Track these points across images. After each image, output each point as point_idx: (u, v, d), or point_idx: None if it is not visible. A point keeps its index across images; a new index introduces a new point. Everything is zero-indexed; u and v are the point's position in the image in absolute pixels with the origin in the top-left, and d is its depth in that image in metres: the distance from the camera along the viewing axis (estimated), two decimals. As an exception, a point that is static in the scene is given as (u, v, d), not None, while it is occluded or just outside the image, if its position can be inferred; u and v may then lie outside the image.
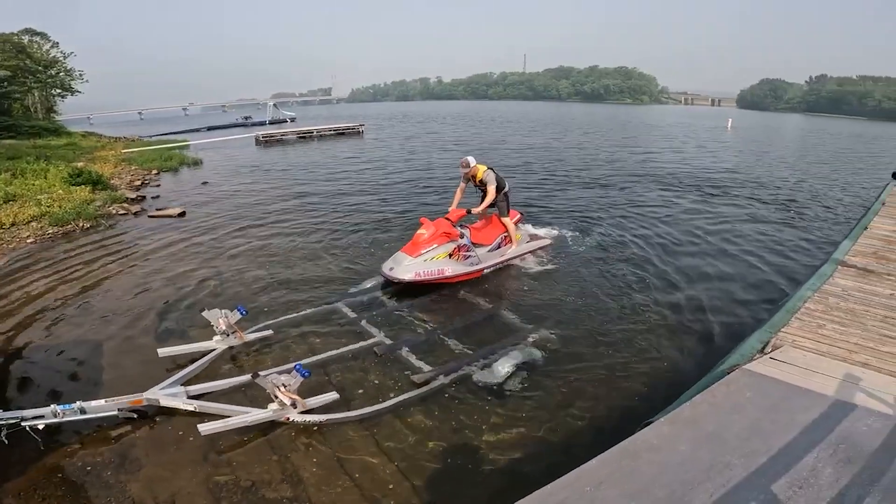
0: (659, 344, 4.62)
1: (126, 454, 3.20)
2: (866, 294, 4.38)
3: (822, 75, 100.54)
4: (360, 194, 11.38)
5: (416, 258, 5.68)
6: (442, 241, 5.85)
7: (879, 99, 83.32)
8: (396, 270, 5.63)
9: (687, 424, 2.64)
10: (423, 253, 5.71)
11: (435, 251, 5.78)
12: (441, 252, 5.82)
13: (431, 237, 5.81)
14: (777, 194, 11.74)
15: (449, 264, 5.86)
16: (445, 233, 5.89)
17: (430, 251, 5.76)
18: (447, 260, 5.86)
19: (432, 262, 5.74)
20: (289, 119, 40.50)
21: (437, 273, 5.74)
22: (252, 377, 3.45)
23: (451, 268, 5.86)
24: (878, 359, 3.36)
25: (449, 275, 5.83)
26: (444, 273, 5.80)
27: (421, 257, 5.69)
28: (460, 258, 5.99)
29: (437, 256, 5.78)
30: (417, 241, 5.81)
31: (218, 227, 8.74)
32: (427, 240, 5.78)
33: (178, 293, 5.80)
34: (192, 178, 14.29)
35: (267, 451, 3.23)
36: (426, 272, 5.66)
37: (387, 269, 5.71)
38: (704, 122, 44.92)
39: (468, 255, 6.08)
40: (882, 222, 6.77)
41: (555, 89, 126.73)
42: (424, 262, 5.69)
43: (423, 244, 5.75)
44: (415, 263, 5.65)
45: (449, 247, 5.89)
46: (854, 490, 2.14)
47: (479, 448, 3.27)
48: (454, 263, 5.92)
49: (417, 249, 5.73)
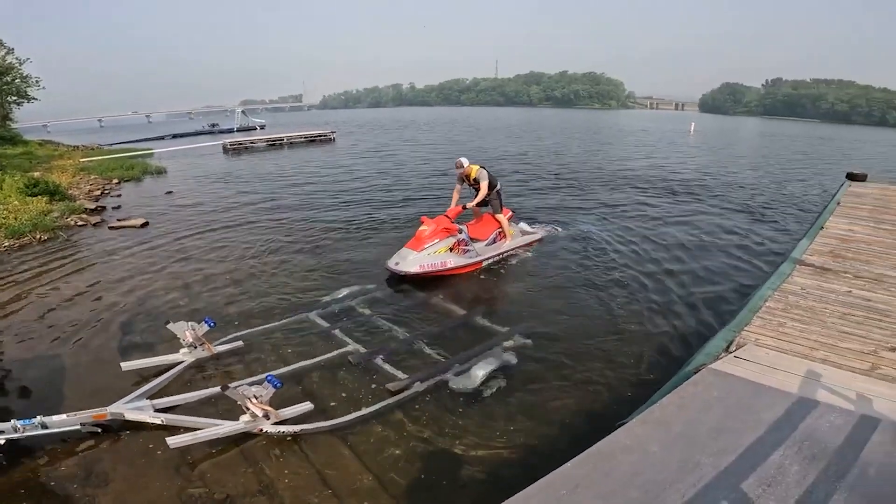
0: (633, 344, 4.70)
1: (92, 468, 3.14)
2: (824, 292, 4.56)
3: (778, 78, 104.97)
4: (331, 203, 11.23)
5: (419, 252, 6.15)
6: (443, 237, 6.34)
7: (832, 102, 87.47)
8: (402, 264, 6.09)
9: (658, 425, 2.69)
10: (426, 247, 6.19)
11: (437, 245, 6.27)
12: (442, 246, 6.31)
13: (433, 233, 6.30)
14: (738, 195, 12.19)
15: (450, 257, 6.36)
16: (446, 228, 6.39)
17: (433, 245, 6.24)
18: (448, 253, 6.36)
19: (435, 255, 6.23)
20: (258, 126, 39.70)
21: (440, 265, 6.24)
22: (221, 389, 3.37)
23: (452, 260, 6.37)
24: (837, 355, 3.50)
25: (451, 266, 6.34)
26: (447, 265, 6.31)
27: (424, 251, 6.17)
28: (460, 252, 6.49)
29: (439, 250, 6.27)
30: (420, 237, 6.26)
31: (183, 237, 8.48)
32: (429, 235, 6.26)
33: (142, 306, 5.63)
34: (156, 188, 13.84)
35: (241, 462, 3.19)
36: (430, 265, 6.15)
37: (392, 264, 6.15)
38: (669, 125, 46.35)
39: (467, 249, 6.59)
40: (837, 222, 7.09)
41: (526, 95, 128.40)
42: (428, 256, 6.17)
43: (425, 239, 6.23)
44: (419, 257, 6.12)
45: (449, 241, 6.38)
46: (821, 487, 2.19)
47: (457, 454, 3.26)
48: (455, 256, 6.42)
49: (421, 244, 6.20)
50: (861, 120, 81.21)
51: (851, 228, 6.73)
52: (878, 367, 3.34)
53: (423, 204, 10.83)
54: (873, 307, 4.26)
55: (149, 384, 3.82)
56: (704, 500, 2.14)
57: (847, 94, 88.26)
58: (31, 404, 3.82)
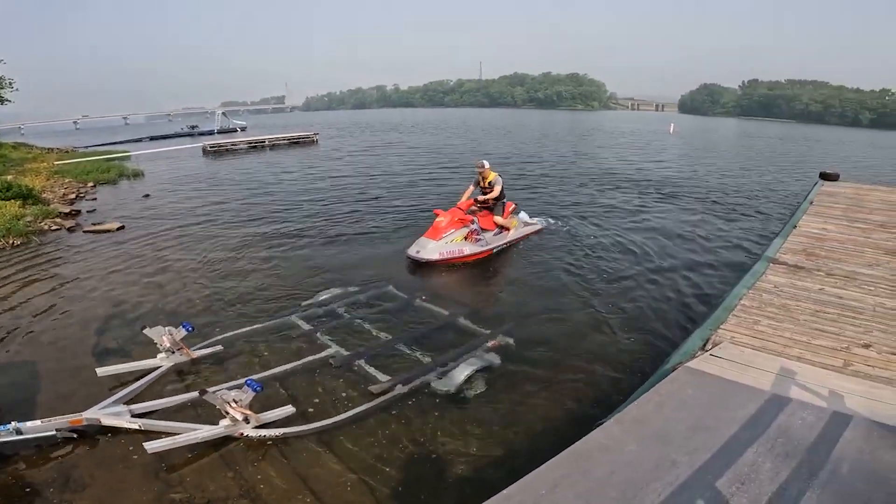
0: (614, 343, 4.75)
1: (69, 474, 3.11)
2: (797, 290, 4.66)
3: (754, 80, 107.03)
4: (313, 206, 11.11)
5: (438, 241, 6.79)
6: (458, 227, 6.99)
7: (807, 102, 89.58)
8: (423, 252, 6.73)
9: (635, 424, 2.71)
10: (444, 236, 6.83)
11: (453, 235, 6.92)
12: (458, 235, 6.97)
13: (449, 223, 6.95)
14: (715, 194, 12.42)
15: (466, 245, 7.01)
16: (460, 219, 7.04)
17: (450, 235, 6.89)
18: (464, 242, 7.01)
19: (452, 243, 6.88)
20: (239, 128, 39.18)
21: (457, 252, 6.88)
22: (199, 394, 3.35)
23: (468, 248, 7.02)
24: (810, 352, 3.57)
25: (467, 253, 6.99)
26: (463, 252, 6.95)
27: (443, 240, 6.81)
28: (473, 240, 7.13)
29: (455, 239, 6.93)
30: (438, 227, 6.91)
31: (160, 241, 8.32)
32: (446, 226, 6.90)
33: (118, 311, 5.54)
34: (133, 191, 13.56)
35: (221, 467, 3.16)
36: (448, 252, 6.80)
37: (413, 252, 6.78)
38: (650, 126, 46.98)
39: (479, 238, 7.23)
40: (810, 220, 7.26)
41: (510, 96, 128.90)
42: (446, 244, 6.81)
43: (443, 229, 6.88)
44: (438, 245, 6.76)
45: (464, 231, 7.04)
46: (794, 485, 2.22)
47: (440, 456, 3.27)
48: (469, 245, 7.06)
49: (439, 234, 6.85)
50: (835, 120, 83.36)
51: (824, 227, 6.90)
52: (850, 364, 3.41)
53: (407, 206, 10.82)
54: (846, 304, 4.36)
55: (126, 389, 3.80)
56: (680, 499, 2.16)
57: (821, 95, 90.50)
58: (4, 411, 3.71)
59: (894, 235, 6.61)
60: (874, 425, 2.66)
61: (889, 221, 7.40)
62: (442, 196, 11.78)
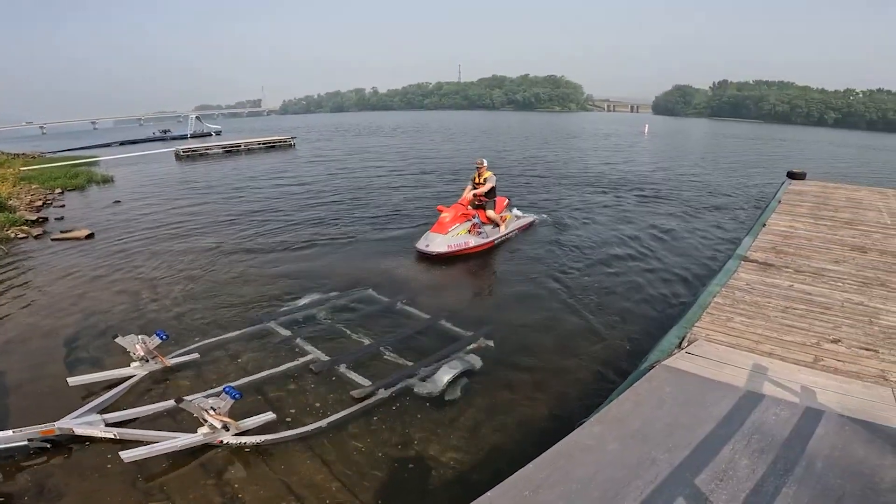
0: (594, 342, 4.82)
1: (43, 483, 3.06)
2: (767, 287, 4.79)
3: (724, 80, 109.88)
4: (290, 211, 10.96)
5: (445, 235, 7.30)
6: (462, 221, 7.53)
7: (773, 103, 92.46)
8: (432, 246, 7.21)
9: (614, 423, 2.73)
10: (450, 230, 7.36)
11: (458, 228, 7.46)
12: (462, 229, 7.51)
13: (454, 218, 7.47)
14: (688, 193, 12.74)
15: (470, 238, 7.54)
16: (464, 214, 7.60)
17: (455, 228, 7.42)
18: (468, 235, 7.54)
19: (458, 236, 7.40)
20: (213, 132, 38.38)
21: (463, 245, 7.40)
22: (176, 402, 3.30)
23: (472, 240, 7.55)
24: (782, 348, 3.66)
25: (472, 245, 7.52)
26: (469, 244, 7.47)
27: (449, 234, 7.33)
28: (476, 233, 7.68)
29: (460, 232, 7.46)
30: (443, 222, 7.42)
31: (131, 248, 8.11)
32: (451, 221, 7.42)
33: (89, 319, 5.42)
34: (102, 197, 13.18)
35: (202, 475, 3.13)
36: (455, 244, 7.32)
37: (423, 246, 7.27)
38: (625, 127, 47.89)
39: (480, 231, 7.78)
40: (779, 219, 7.48)
41: (489, 98, 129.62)
42: (453, 237, 7.34)
43: (448, 224, 7.40)
44: (446, 239, 7.28)
45: (467, 225, 7.59)
46: (770, 481, 2.26)
47: (425, 459, 3.28)
48: (473, 237, 7.59)
49: (445, 228, 7.36)
50: (801, 120, 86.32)
51: (792, 225, 7.11)
52: (821, 360, 3.51)
53: (387, 212, 10.76)
54: (814, 300, 4.50)
55: (99, 398, 3.73)
56: (661, 497, 2.18)
57: (787, 96, 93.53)
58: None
59: (860, 232, 6.86)
60: (845, 420, 2.73)
61: (854, 218, 7.68)
62: (423, 200, 11.79)
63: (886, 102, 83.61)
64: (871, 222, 7.48)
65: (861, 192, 10.27)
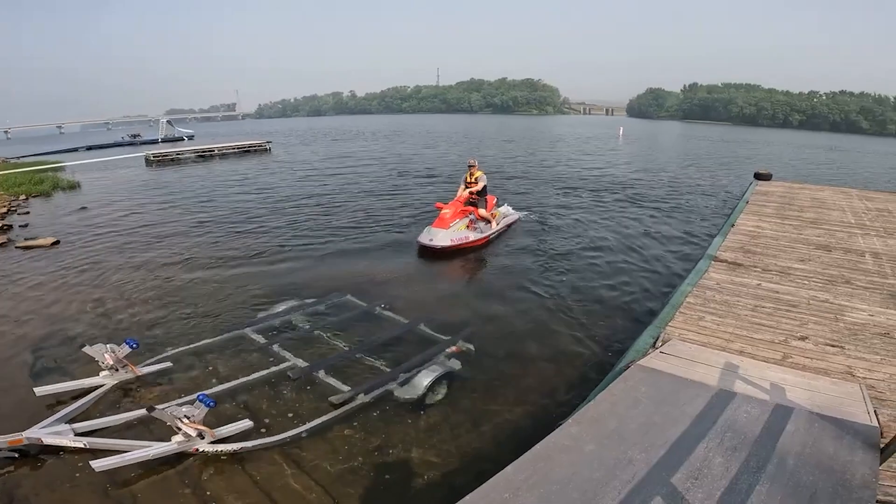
0: (573, 343, 4.86)
1: (12, 493, 3.02)
2: (737, 286, 4.92)
3: (695, 83, 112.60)
4: (265, 216, 10.76)
5: (448, 230, 7.71)
6: (461, 217, 8.00)
7: (741, 105, 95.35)
8: (436, 240, 7.57)
9: (592, 423, 2.75)
10: (451, 226, 7.78)
11: (458, 223, 7.91)
12: (462, 224, 7.96)
13: (454, 214, 7.94)
14: (661, 194, 13.02)
15: (469, 233, 8.00)
16: (462, 210, 8.08)
17: (456, 224, 7.86)
18: (467, 230, 7.98)
19: (459, 231, 7.83)
20: (185, 137, 37.49)
21: (464, 239, 7.81)
22: (147, 410, 3.24)
23: (472, 235, 7.99)
24: (752, 346, 3.76)
25: (472, 240, 7.95)
26: (469, 239, 7.90)
27: (451, 229, 7.75)
28: (473, 229, 8.12)
29: (460, 227, 7.90)
30: (444, 218, 7.86)
31: (99, 256, 7.85)
32: (451, 217, 7.88)
33: (55, 329, 5.27)
34: (69, 204, 12.74)
35: (178, 483, 3.09)
36: (457, 239, 7.73)
37: (426, 240, 7.63)
38: (600, 130, 48.67)
39: (476, 227, 8.22)
40: (747, 219, 7.70)
41: (467, 102, 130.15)
42: (454, 232, 7.75)
43: (449, 220, 7.85)
44: (448, 233, 7.68)
45: (465, 220, 8.05)
46: (744, 479, 2.30)
47: (406, 463, 3.27)
48: (472, 232, 8.05)
49: (447, 223, 7.78)
50: (767, 122, 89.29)
51: (759, 225, 7.33)
52: (789, 357, 3.62)
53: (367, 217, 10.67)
54: (781, 299, 4.64)
55: (68, 408, 3.67)
56: (639, 497, 2.20)
57: (754, 98, 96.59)
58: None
59: (824, 231, 7.11)
60: (814, 416, 2.80)
61: (819, 218, 7.96)
62: (403, 205, 11.75)
63: (848, 104, 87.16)
64: (834, 221, 7.77)
65: (825, 191, 10.67)
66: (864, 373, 3.43)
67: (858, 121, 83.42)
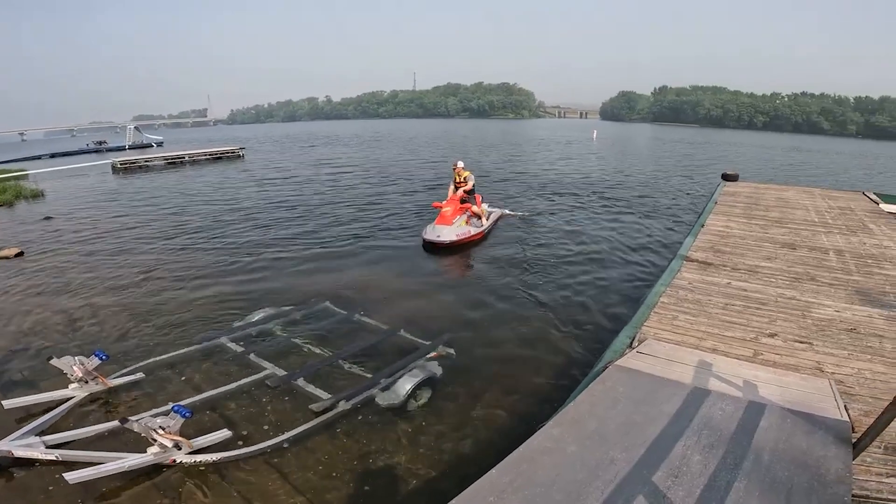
0: (552, 344, 4.92)
1: None
2: (708, 285, 5.05)
3: (664, 86, 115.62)
4: (238, 224, 10.54)
5: (451, 226, 8.27)
6: (460, 213, 8.59)
7: (708, 108, 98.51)
8: (443, 236, 8.07)
9: (573, 425, 2.77)
10: (454, 222, 8.37)
11: (459, 219, 8.51)
12: (462, 220, 8.54)
13: (454, 211, 8.52)
14: (633, 194, 13.33)
15: (469, 228, 8.52)
16: (461, 207, 8.65)
17: (457, 220, 8.46)
18: (467, 225, 8.53)
19: (460, 227, 8.40)
20: (154, 143, 36.58)
21: (466, 234, 8.34)
22: (120, 422, 3.18)
23: (472, 230, 8.52)
24: (724, 344, 3.85)
25: (472, 234, 8.47)
26: (470, 233, 8.42)
27: (454, 225, 8.34)
28: (471, 224, 8.66)
29: (461, 223, 8.48)
30: (446, 216, 8.43)
31: (65, 266, 7.60)
32: (452, 214, 8.47)
33: (21, 341, 5.14)
34: (32, 213, 12.28)
35: (155, 495, 3.05)
36: (461, 234, 8.26)
37: (434, 237, 8.10)
38: (575, 133, 49.57)
39: (471, 222, 8.71)
40: (716, 219, 7.93)
41: (444, 106, 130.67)
42: (457, 228, 8.32)
43: (451, 217, 8.42)
44: (452, 229, 8.23)
45: (464, 217, 8.64)
46: (722, 476, 2.34)
47: (389, 469, 3.26)
48: (471, 227, 8.55)
49: (449, 220, 8.35)
50: (733, 124, 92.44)
51: (728, 225, 7.55)
52: (760, 354, 3.72)
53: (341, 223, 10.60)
54: (750, 297, 4.78)
55: (37, 420, 3.61)
56: (621, 497, 2.22)
57: (720, 100, 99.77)
58: None
59: (789, 230, 7.37)
60: (786, 412, 2.87)
61: (784, 217, 8.25)
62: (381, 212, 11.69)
63: (810, 105, 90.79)
64: (799, 220, 8.05)
65: (789, 191, 11.06)
66: (832, 368, 3.53)
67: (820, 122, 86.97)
